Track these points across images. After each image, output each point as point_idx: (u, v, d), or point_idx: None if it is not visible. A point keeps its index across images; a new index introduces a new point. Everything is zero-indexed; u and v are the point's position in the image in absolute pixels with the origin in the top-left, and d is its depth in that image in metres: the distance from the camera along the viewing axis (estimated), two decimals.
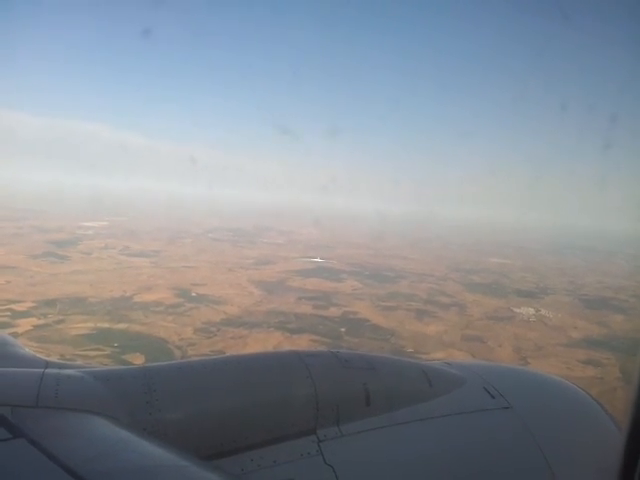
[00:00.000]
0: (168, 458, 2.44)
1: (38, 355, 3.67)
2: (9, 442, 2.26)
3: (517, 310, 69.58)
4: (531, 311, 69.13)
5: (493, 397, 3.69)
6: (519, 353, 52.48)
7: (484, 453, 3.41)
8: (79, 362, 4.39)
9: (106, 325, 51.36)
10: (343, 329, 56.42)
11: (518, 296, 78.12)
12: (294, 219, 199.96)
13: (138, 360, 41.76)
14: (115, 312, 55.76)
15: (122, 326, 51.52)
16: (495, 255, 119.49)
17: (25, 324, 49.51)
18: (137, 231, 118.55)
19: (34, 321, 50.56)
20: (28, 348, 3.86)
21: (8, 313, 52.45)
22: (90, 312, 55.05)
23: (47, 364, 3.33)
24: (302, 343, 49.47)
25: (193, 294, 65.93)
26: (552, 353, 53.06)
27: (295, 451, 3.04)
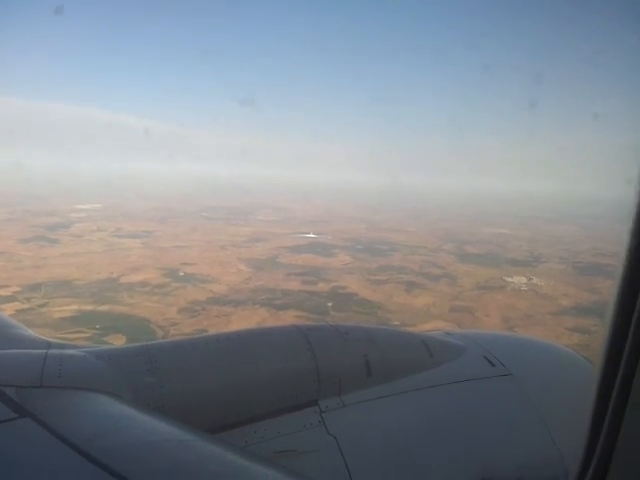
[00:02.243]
0: (173, 433, 2.45)
1: (41, 336, 3.70)
2: (15, 421, 2.31)
3: (509, 279, 69.23)
4: (523, 280, 68.78)
5: (493, 365, 3.75)
6: (507, 322, 52.20)
7: (485, 420, 3.48)
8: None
9: (90, 307, 51.24)
10: (330, 304, 56.18)
11: (511, 265, 77.68)
12: (291, 195, 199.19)
13: (119, 341, 41.67)
14: (100, 294, 55.63)
15: (106, 308, 51.38)
16: (492, 225, 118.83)
17: (8, 309, 49.22)
18: (131, 213, 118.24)
19: (17, 305, 50.38)
20: (31, 330, 3.90)
21: None
22: (75, 295, 54.94)
23: (50, 345, 3.34)
24: (287, 319, 49.30)
25: (181, 274, 65.73)
26: (540, 321, 52.78)
27: (298, 422, 3.11)
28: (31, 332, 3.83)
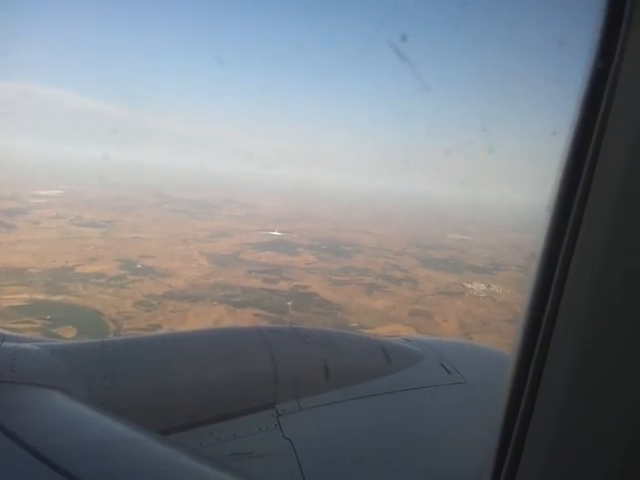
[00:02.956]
0: (126, 432, 2.40)
1: None
2: None
3: (469, 286, 70.17)
4: (482, 287, 69.81)
5: (449, 372, 3.84)
6: (464, 329, 52.98)
7: (439, 428, 3.54)
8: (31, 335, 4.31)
9: (42, 297, 49.81)
10: (290, 303, 55.94)
11: (472, 272, 78.75)
12: (260, 192, 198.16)
13: (69, 333, 40.64)
14: (53, 283, 54.02)
15: (58, 298, 49.96)
16: (457, 231, 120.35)
17: None
18: (92, 200, 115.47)
19: None
20: None
21: None
22: (27, 283, 53.20)
23: (3, 337, 3.20)
24: (245, 317, 48.99)
25: (139, 266, 64.40)
26: (496, 329, 53.60)
27: (254, 425, 3.11)
28: None
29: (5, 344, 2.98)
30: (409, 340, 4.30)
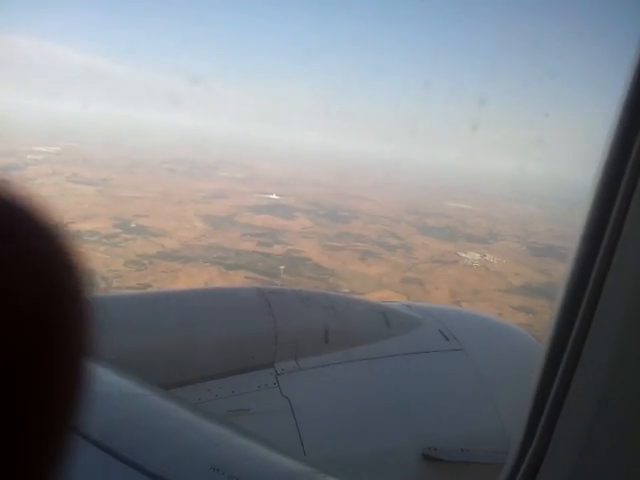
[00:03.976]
0: (125, 385, 2.40)
1: None
2: None
3: (463, 255, 69.69)
4: (476, 256, 69.36)
5: (447, 339, 3.86)
6: (455, 297, 52.70)
7: (434, 392, 3.54)
8: None
9: None
10: (282, 267, 55.57)
11: (468, 241, 78.30)
12: (261, 154, 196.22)
13: None
14: None
15: None
16: (456, 200, 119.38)
17: None
18: (90, 158, 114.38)
19: None
20: None
21: None
22: None
23: None
24: (237, 279, 48.64)
25: (133, 225, 63.88)
26: (487, 298, 53.42)
27: (253, 383, 3.13)
28: None
29: None
30: (409, 306, 4.31)
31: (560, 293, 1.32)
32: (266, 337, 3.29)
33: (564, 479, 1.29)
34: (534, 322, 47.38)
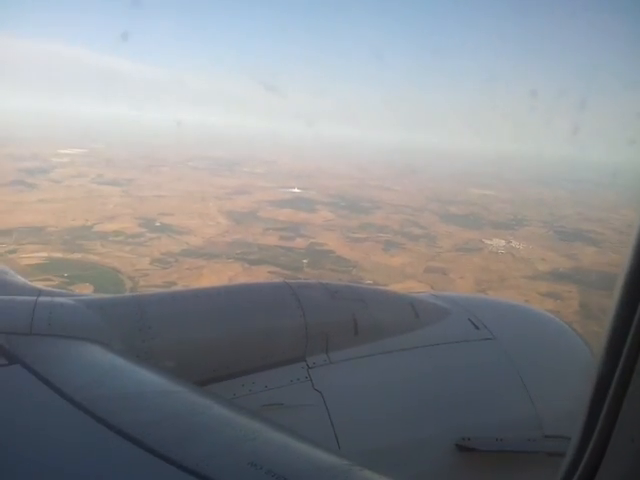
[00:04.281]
0: (162, 384, 2.48)
1: (30, 283, 3.64)
2: (5, 368, 2.33)
3: (488, 242, 68.76)
4: (502, 243, 68.38)
5: (477, 328, 3.82)
6: (480, 285, 51.97)
7: (467, 382, 3.52)
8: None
9: (60, 255, 50.45)
10: (305, 260, 55.66)
11: (493, 228, 77.24)
12: (282, 149, 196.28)
13: (86, 291, 41.02)
14: (72, 242, 54.64)
15: (76, 256, 50.58)
16: (479, 186, 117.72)
17: None
18: (115, 159, 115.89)
19: None
20: (20, 276, 3.80)
21: None
22: (46, 242, 53.93)
23: (40, 292, 3.29)
24: (260, 275, 48.89)
25: (157, 224, 64.72)
26: (514, 285, 52.60)
27: (285, 377, 3.15)
28: (20, 278, 3.73)
29: (41, 299, 3.01)
30: (437, 296, 4.28)
31: (619, 283, 1.27)
32: (296, 331, 3.32)
33: (625, 477, 1.29)
34: (562, 308, 46.46)
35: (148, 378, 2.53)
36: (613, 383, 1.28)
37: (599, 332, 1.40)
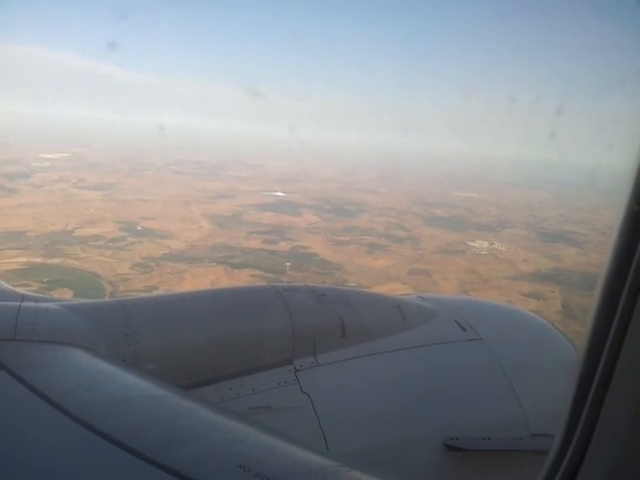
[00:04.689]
0: (148, 388, 2.46)
1: (13, 288, 3.60)
2: None
3: (471, 244, 69.07)
4: (485, 245, 68.70)
5: (464, 329, 3.85)
6: (463, 286, 52.18)
7: (454, 382, 3.56)
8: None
9: (39, 260, 49.66)
10: (288, 264, 55.37)
11: (476, 230, 77.62)
12: (265, 152, 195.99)
13: (66, 296, 40.48)
14: (52, 246, 53.82)
15: (56, 261, 49.79)
16: (463, 189, 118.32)
17: None
18: (97, 163, 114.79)
19: None
20: (1, 281, 3.75)
21: None
22: (26, 247, 53.05)
23: (23, 297, 3.27)
24: (243, 278, 48.57)
25: (139, 228, 64.02)
26: (496, 286, 52.84)
27: (273, 380, 3.16)
28: (2, 283, 3.71)
29: (25, 304, 3.00)
30: (423, 298, 4.31)
31: (599, 284, 1.28)
32: (284, 334, 3.31)
33: (607, 474, 1.30)
34: (544, 308, 46.76)
35: (134, 382, 2.51)
36: (595, 381, 1.29)
37: (581, 332, 1.42)
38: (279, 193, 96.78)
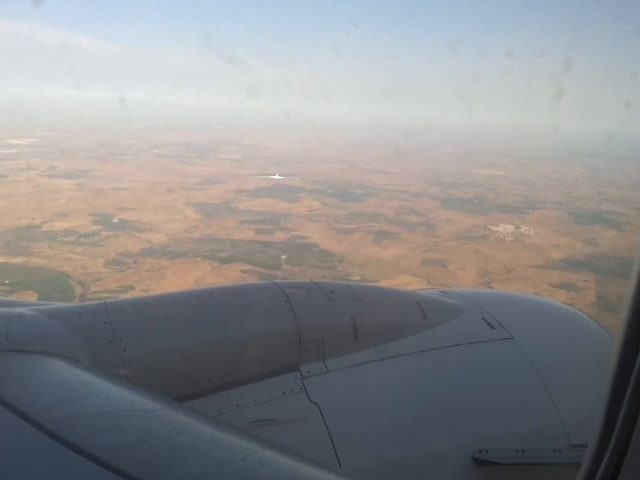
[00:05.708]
0: (137, 401, 2.43)
1: None
2: None
3: (494, 228, 68.60)
4: (510, 229, 68.22)
5: (493, 327, 3.79)
6: (483, 277, 51.84)
7: (484, 388, 3.51)
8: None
9: (1, 259, 49.87)
10: (284, 256, 55.15)
11: (500, 212, 77.18)
12: (264, 129, 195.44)
13: (30, 299, 40.37)
14: (16, 243, 54.11)
15: (20, 260, 49.98)
16: (486, 166, 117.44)
17: None
18: (70, 148, 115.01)
19: None
20: None
21: None
22: None
23: None
24: (231, 274, 48.51)
25: (115, 220, 64.20)
26: (522, 276, 52.39)
27: (277, 389, 3.11)
28: None
29: None
30: (446, 292, 4.28)
31: (633, 278, 1.26)
32: (288, 337, 3.26)
33: None
34: (576, 300, 46.06)
35: (122, 395, 2.48)
36: (630, 385, 1.28)
37: (618, 326, 1.39)
38: (275, 176, 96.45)
